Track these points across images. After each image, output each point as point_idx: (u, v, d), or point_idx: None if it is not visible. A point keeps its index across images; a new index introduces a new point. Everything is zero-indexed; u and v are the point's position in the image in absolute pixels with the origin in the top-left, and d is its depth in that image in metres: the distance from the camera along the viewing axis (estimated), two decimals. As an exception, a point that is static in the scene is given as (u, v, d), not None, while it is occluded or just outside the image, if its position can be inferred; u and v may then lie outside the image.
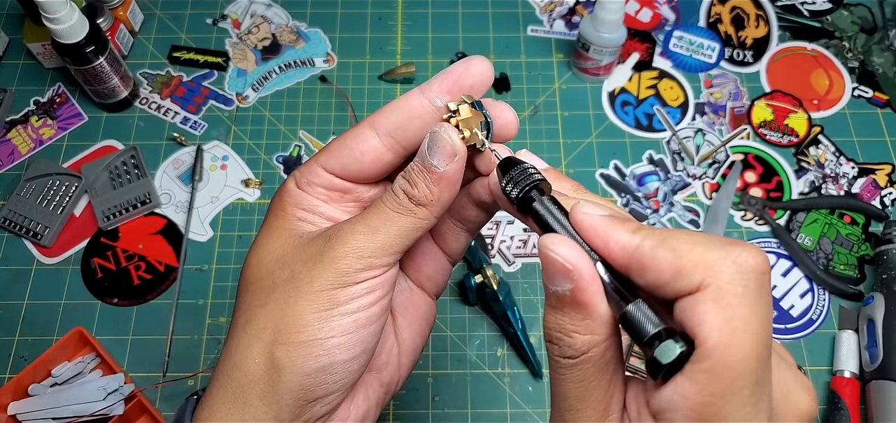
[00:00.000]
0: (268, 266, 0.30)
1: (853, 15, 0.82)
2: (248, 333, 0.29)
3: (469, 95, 0.28)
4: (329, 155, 0.30)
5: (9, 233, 0.68)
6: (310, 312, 0.28)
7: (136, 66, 0.77)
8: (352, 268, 0.28)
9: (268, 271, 0.29)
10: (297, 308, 0.28)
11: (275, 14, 0.82)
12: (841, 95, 0.77)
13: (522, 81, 0.77)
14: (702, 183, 0.71)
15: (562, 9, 0.82)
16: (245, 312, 0.29)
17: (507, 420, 0.60)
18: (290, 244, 0.30)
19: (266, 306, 0.29)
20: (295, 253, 0.29)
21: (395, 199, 0.28)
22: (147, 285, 0.65)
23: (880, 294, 0.61)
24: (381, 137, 0.29)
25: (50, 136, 0.73)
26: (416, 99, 0.29)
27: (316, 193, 0.31)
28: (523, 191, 0.25)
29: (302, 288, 0.28)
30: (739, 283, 0.20)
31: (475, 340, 0.64)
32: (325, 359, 0.28)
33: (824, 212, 0.69)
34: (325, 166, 0.30)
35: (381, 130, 0.29)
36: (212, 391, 0.30)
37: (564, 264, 0.22)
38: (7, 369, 0.62)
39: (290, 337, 0.28)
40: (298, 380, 0.28)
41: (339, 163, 0.30)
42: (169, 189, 0.70)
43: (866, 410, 0.59)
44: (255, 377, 0.28)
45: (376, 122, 0.29)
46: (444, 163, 0.27)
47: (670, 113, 0.75)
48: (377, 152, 0.29)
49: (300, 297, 0.28)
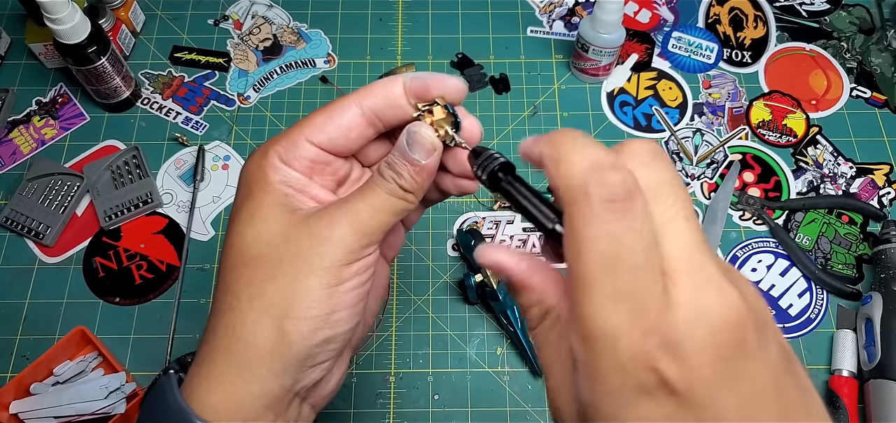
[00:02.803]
0: (269, 240, 0.30)
1: (851, 15, 0.83)
2: (254, 308, 0.29)
3: (442, 97, 0.32)
4: (315, 128, 0.31)
5: (11, 232, 0.68)
6: (319, 287, 0.29)
7: (138, 67, 0.78)
8: (357, 245, 0.30)
9: (271, 245, 0.30)
10: (308, 283, 0.29)
11: (276, 15, 0.82)
12: (839, 96, 0.77)
13: (522, 82, 0.77)
14: (700, 183, 0.72)
15: (561, 10, 0.83)
16: (249, 286, 0.30)
17: (506, 419, 0.61)
18: (289, 220, 0.30)
19: (275, 280, 0.29)
20: (297, 229, 0.30)
21: (385, 183, 0.31)
22: (149, 284, 0.66)
23: (878, 293, 0.61)
24: (366, 114, 0.32)
25: (52, 136, 0.74)
26: (398, 91, 0.31)
27: (302, 166, 0.31)
28: (489, 172, 0.30)
29: (313, 263, 0.29)
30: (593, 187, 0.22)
31: (475, 339, 0.64)
32: (329, 331, 0.30)
33: (822, 212, 0.70)
34: (312, 140, 0.31)
35: (366, 109, 0.31)
36: (211, 365, 0.30)
37: (495, 265, 0.27)
38: (9, 367, 0.62)
39: (302, 312, 0.29)
40: (305, 350, 0.29)
41: (326, 137, 0.31)
42: (170, 189, 0.71)
43: (864, 409, 0.59)
44: (265, 351, 0.29)
45: (362, 101, 0.31)
46: (424, 157, 0.31)
47: (669, 113, 0.76)
48: (361, 129, 0.32)
49: (311, 272, 0.29)
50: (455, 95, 0.32)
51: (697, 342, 0.20)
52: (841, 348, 0.62)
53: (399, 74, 0.32)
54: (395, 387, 0.62)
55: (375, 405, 0.61)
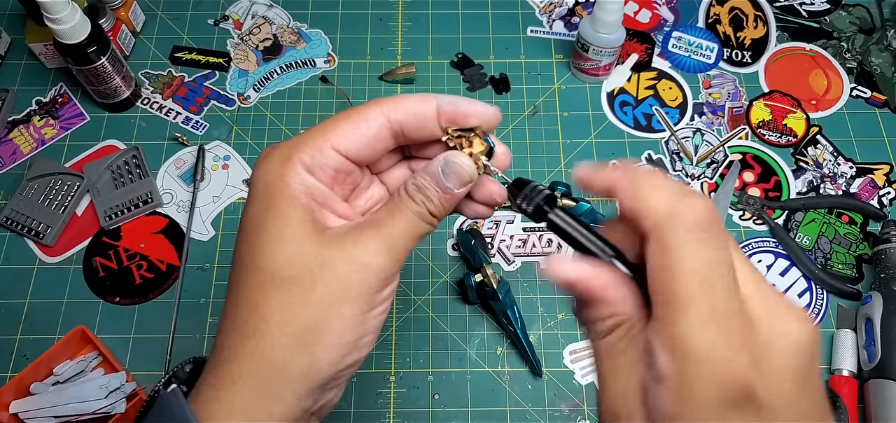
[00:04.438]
0: (303, 264, 0.28)
1: (851, 15, 0.83)
2: (286, 333, 0.28)
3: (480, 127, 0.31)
4: (339, 135, 0.30)
5: (11, 232, 0.68)
6: (353, 314, 0.29)
7: (138, 67, 0.78)
8: (392, 270, 0.30)
9: (305, 269, 0.28)
10: (342, 311, 0.28)
11: (276, 15, 0.82)
12: (839, 96, 0.77)
13: (522, 82, 0.77)
14: (700, 183, 0.72)
15: (561, 10, 0.83)
16: (279, 310, 0.28)
17: (506, 418, 0.61)
18: (321, 240, 0.29)
19: (309, 306, 0.28)
20: (331, 250, 0.29)
21: (416, 207, 0.30)
22: (149, 284, 0.66)
23: (878, 293, 0.61)
24: (392, 127, 0.30)
25: (52, 135, 0.74)
26: (430, 112, 0.30)
27: (326, 176, 0.30)
28: (535, 206, 0.30)
29: (350, 290, 0.28)
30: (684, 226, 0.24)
31: (475, 338, 0.64)
32: (357, 355, 0.30)
33: (822, 211, 0.70)
34: (338, 148, 0.30)
35: (393, 122, 0.30)
36: (233, 389, 0.28)
37: (568, 280, 0.26)
38: (9, 367, 0.62)
39: (335, 339, 0.28)
40: (332, 375, 0.29)
41: (353, 146, 0.30)
42: (170, 189, 0.71)
43: (864, 408, 0.59)
44: (294, 377, 0.28)
45: (390, 112, 0.30)
46: (458, 186, 0.31)
47: (669, 113, 0.76)
48: (386, 141, 0.31)
49: (347, 300, 0.28)
50: (493, 124, 0.31)
51: (780, 361, 0.23)
52: (841, 348, 0.62)
53: (432, 96, 0.31)
54: (395, 387, 0.62)
55: (375, 405, 0.61)
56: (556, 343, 0.64)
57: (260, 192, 0.30)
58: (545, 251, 0.68)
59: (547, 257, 0.29)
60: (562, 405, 0.61)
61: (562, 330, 0.64)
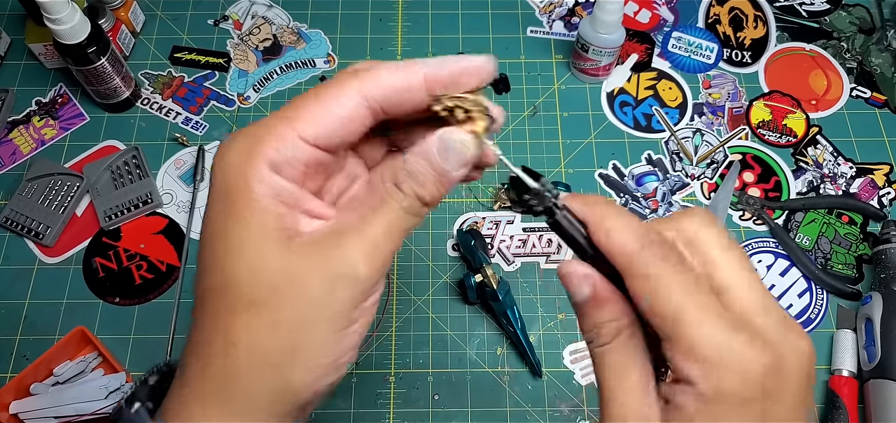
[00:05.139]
0: (270, 281, 0.25)
1: (851, 15, 0.83)
2: (255, 357, 0.25)
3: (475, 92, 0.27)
4: (308, 121, 0.26)
5: (11, 233, 0.68)
6: (329, 333, 0.26)
7: (138, 67, 0.78)
8: (373, 280, 0.26)
9: (271, 287, 0.25)
10: (317, 332, 0.25)
11: (276, 15, 0.82)
12: (839, 96, 0.77)
13: (522, 82, 0.77)
14: (700, 183, 0.72)
15: (561, 10, 0.83)
16: (247, 331, 0.25)
17: (506, 419, 0.61)
18: (289, 251, 0.25)
19: (278, 328, 0.25)
20: (302, 264, 0.25)
21: (405, 199, 0.27)
22: (148, 284, 0.66)
23: (878, 294, 0.61)
24: (370, 105, 0.26)
25: (52, 136, 0.73)
26: (416, 81, 0.27)
27: (295, 174, 0.26)
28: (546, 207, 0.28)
29: (323, 309, 0.25)
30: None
31: (475, 339, 0.64)
32: (335, 375, 0.27)
33: (822, 212, 0.70)
34: (307, 137, 0.26)
35: (372, 99, 0.26)
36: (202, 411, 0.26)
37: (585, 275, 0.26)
38: (9, 368, 0.62)
39: (311, 361, 0.26)
40: (310, 397, 0.26)
41: (324, 132, 0.26)
42: (170, 189, 0.71)
43: (864, 409, 0.59)
44: (267, 402, 0.26)
45: (367, 89, 0.26)
46: (458, 168, 0.27)
47: (669, 113, 0.76)
48: (363, 121, 0.27)
49: (320, 320, 0.25)
50: (488, 77, 0.27)
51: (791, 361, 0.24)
52: (841, 349, 0.62)
53: (416, 61, 0.27)
54: (395, 387, 0.62)
55: (375, 405, 0.61)
56: (556, 344, 0.64)
57: (219, 192, 0.26)
58: (545, 252, 0.68)
59: (564, 261, 0.27)
60: (562, 406, 0.61)
61: (562, 330, 0.64)
